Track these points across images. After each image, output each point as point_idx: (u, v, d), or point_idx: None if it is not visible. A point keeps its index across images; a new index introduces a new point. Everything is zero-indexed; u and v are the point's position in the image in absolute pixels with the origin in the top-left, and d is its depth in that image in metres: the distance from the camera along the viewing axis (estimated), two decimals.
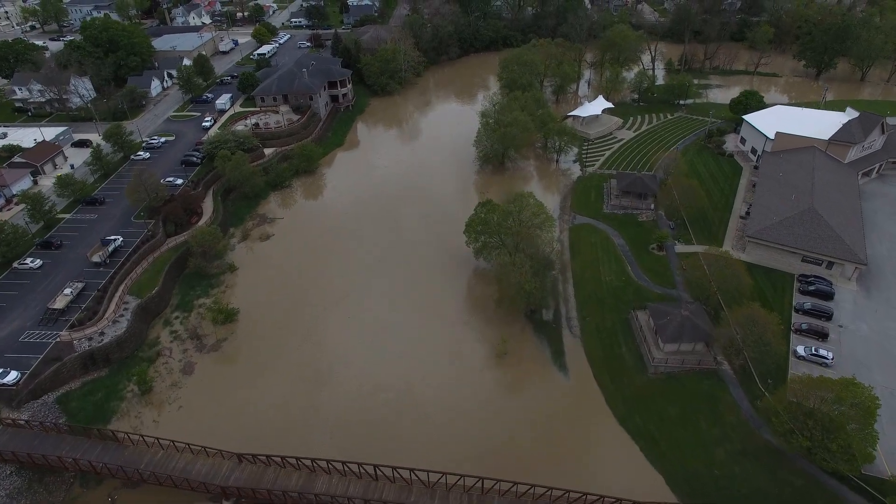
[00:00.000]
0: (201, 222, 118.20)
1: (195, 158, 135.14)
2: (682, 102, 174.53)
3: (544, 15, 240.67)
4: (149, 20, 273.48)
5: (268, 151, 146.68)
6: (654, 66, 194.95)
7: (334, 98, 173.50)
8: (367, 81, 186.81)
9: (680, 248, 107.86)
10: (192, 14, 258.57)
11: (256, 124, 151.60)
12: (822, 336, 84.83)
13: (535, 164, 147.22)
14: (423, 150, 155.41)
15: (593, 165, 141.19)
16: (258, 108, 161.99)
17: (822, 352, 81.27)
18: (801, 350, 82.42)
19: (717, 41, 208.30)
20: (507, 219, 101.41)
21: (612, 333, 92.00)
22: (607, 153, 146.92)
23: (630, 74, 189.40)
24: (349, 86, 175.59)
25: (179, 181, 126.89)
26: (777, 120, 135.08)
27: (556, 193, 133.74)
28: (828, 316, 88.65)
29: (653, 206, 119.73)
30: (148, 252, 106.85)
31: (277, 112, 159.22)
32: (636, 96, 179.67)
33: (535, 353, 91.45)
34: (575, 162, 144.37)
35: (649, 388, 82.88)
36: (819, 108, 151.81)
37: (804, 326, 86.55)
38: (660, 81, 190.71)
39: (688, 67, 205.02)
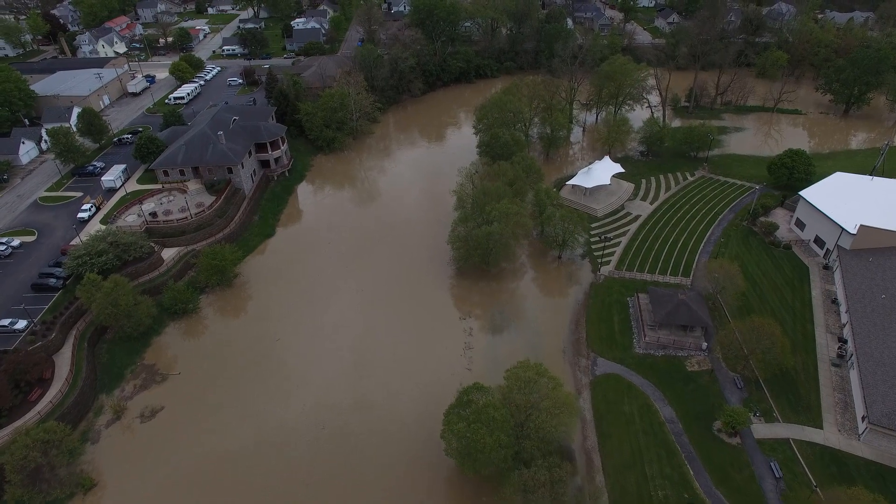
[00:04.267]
0: (48, 397, 78.78)
1: (53, 280, 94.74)
2: (700, 155, 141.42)
3: (522, 38, 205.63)
4: (51, 47, 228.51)
5: (169, 252, 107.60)
6: (664, 109, 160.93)
7: (265, 163, 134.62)
8: (309, 135, 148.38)
9: (759, 428, 73.11)
10: (102, 42, 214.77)
11: (154, 213, 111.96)
12: None
13: (530, 260, 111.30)
14: (382, 237, 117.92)
15: (608, 262, 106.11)
16: (160, 185, 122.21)
17: None
18: None
19: (730, 69, 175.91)
20: (512, 393, 66.34)
21: None
22: (623, 241, 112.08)
23: (634, 116, 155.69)
24: (284, 146, 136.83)
25: (21, 325, 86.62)
26: (845, 197, 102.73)
27: (563, 309, 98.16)
28: None
29: (705, 346, 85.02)
30: None
31: (186, 190, 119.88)
32: (643, 149, 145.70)
33: None
34: (583, 258, 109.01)
35: None
36: (879, 173, 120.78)
37: None
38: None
39: (696, 104, 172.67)
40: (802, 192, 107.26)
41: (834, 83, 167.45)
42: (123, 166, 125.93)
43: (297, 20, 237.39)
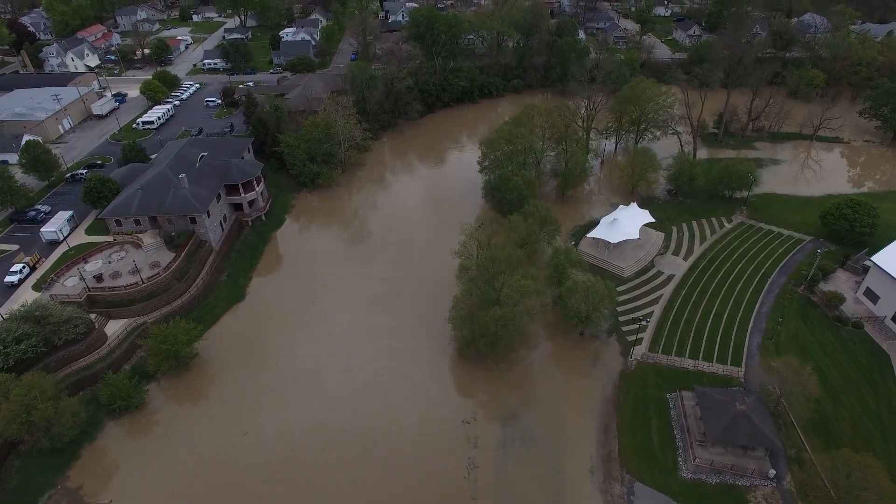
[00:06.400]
0: None
1: None
2: (737, 196, 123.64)
3: (530, 52, 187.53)
4: (16, 59, 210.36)
5: (116, 326, 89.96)
6: (695, 142, 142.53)
7: (237, 206, 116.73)
8: (291, 170, 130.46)
9: None
10: (72, 54, 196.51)
11: (99, 276, 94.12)
12: None
13: (546, 331, 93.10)
14: (373, 296, 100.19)
15: (640, 342, 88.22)
16: (111, 237, 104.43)
17: None
18: None
19: (764, 91, 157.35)
20: None
21: None
22: (656, 311, 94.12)
23: (658, 146, 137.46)
24: (260, 186, 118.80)
25: None
26: None
27: (588, 405, 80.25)
28: None
29: (773, 474, 67.19)
30: None
31: (141, 244, 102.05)
32: (671, 188, 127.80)
33: None
34: (610, 334, 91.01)
35: None
36: None
37: None
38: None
39: (726, 130, 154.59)
40: (875, 258, 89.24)
41: (882, 107, 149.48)
42: (70, 213, 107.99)
43: (287, 30, 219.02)
